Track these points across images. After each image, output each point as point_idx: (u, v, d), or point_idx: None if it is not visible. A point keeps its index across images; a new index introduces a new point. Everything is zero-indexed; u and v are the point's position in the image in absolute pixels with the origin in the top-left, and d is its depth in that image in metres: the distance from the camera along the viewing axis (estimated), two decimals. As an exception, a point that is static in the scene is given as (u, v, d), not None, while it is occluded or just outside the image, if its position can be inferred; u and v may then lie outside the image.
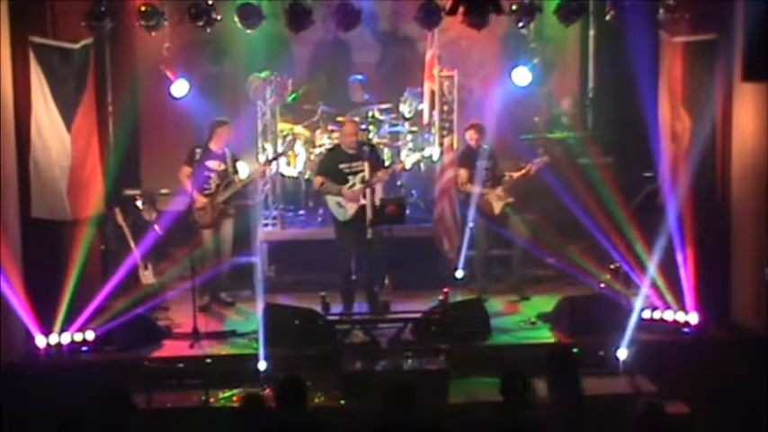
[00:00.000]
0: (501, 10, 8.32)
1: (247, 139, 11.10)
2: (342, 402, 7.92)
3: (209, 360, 8.36)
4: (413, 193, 11.37)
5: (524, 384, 5.68)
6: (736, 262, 9.04)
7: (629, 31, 9.35)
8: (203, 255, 9.52)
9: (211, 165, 9.60)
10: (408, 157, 11.18)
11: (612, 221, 9.57)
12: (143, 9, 9.06)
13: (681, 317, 8.86)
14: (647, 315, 8.98)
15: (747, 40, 8.54)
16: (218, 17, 9.10)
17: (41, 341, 8.53)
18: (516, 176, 9.85)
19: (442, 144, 10.45)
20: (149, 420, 7.54)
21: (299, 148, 11.38)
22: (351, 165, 9.26)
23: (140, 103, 10.77)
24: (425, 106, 10.96)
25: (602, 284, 9.55)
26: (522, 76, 10.69)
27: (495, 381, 7.66)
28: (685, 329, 8.83)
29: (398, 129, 11.54)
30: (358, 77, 11.77)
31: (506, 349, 8.57)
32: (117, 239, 9.65)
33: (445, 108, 10.54)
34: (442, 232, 10.36)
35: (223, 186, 9.59)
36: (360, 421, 6.65)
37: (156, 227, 9.68)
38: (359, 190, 9.18)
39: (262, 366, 8.16)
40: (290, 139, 11.33)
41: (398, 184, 11.15)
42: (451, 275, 10.00)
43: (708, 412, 7.58)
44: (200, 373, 8.16)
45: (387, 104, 11.63)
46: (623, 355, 8.29)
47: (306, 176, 11.29)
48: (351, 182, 9.23)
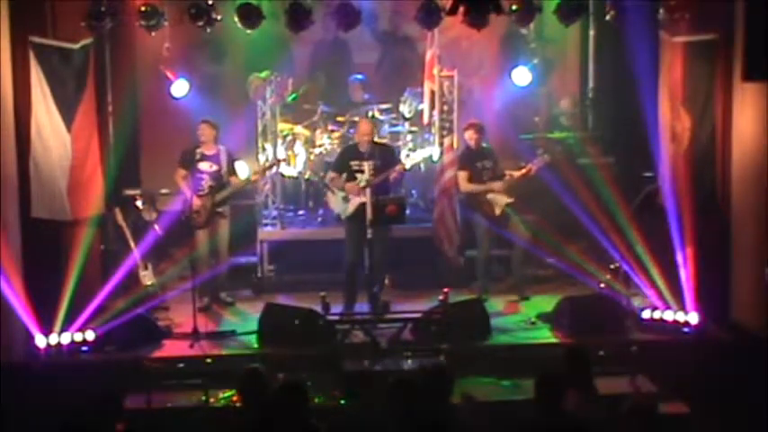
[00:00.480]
0: (501, 10, 8.33)
1: (247, 139, 11.12)
2: (342, 402, 7.92)
3: (209, 360, 8.35)
4: (413, 193, 11.37)
5: (559, 386, 5.69)
6: (736, 262, 9.04)
7: (629, 31, 9.35)
8: (199, 256, 9.51)
9: (202, 166, 9.58)
10: (408, 157, 11.17)
11: (612, 221, 9.57)
12: (143, 9, 9.06)
13: (681, 317, 8.87)
14: (647, 315, 9.00)
15: (747, 40, 8.55)
16: (218, 17, 9.09)
17: (41, 341, 8.53)
18: (517, 176, 9.84)
19: (441, 144, 10.45)
20: (149, 420, 7.55)
21: (299, 148, 11.38)
22: (361, 163, 9.28)
23: (140, 103, 10.78)
24: (425, 106, 10.96)
25: (602, 284, 9.55)
26: (522, 76, 10.71)
27: (494, 381, 7.74)
28: (685, 329, 8.83)
29: (398, 129, 11.54)
30: (358, 77, 11.77)
31: (506, 349, 8.56)
32: (117, 239, 9.65)
33: (445, 108, 10.54)
34: (441, 232, 10.36)
35: (216, 187, 9.57)
36: (360, 421, 6.69)
37: (156, 227, 9.68)
38: (360, 188, 9.18)
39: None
40: (289, 140, 11.32)
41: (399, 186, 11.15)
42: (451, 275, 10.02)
43: (708, 412, 7.58)
44: (200, 373, 8.16)
45: (387, 104, 11.63)
46: None
47: (306, 176, 11.29)
48: (359, 179, 9.25)
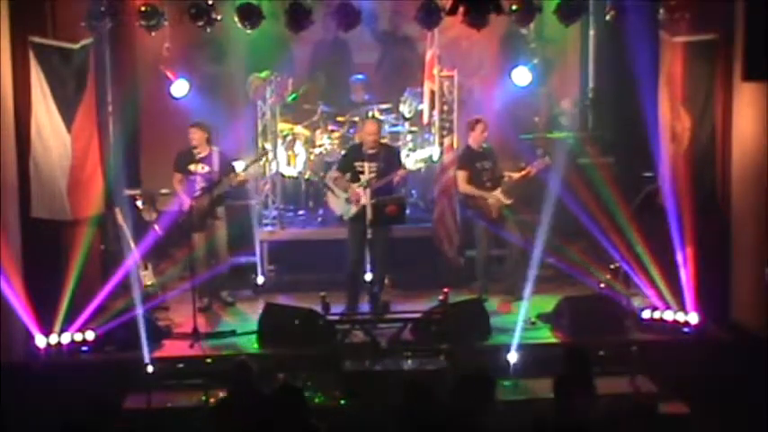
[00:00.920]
0: (501, 10, 8.34)
1: (247, 139, 11.11)
2: (342, 402, 7.92)
3: (209, 360, 8.35)
4: (413, 193, 11.37)
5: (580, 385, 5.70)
6: (736, 262, 9.04)
7: (629, 31, 9.36)
8: (197, 258, 9.51)
9: (193, 168, 9.58)
10: (408, 157, 11.18)
11: (612, 221, 9.57)
12: (143, 9, 9.06)
13: (681, 317, 8.87)
14: (647, 315, 9.00)
15: (747, 40, 8.55)
16: (218, 17, 9.09)
17: (41, 341, 8.53)
18: (516, 177, 9.83)
19: (441, 144, 10.45)
20: (149, 420, 7.56)
21: (299, 147, 11.39)
22: (365, 164, 9.26)
23: (140, 103, 10.78)
24: (425, 106, 10.97)
25: (602, 284, 9.56)
26: (522, 76, 10.70)
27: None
28: (685, 329, 8.83)
29: (398, 129, 11.54)
30: (359, 77, 11.78)
31: (506, 349, 8.55)
32: (117, 239, 9.65)
33: (445, 108, 10.54)
34: (441, 232, 10.36)
35: (209, 189, 9.56)
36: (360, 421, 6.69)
37: (156, 227, 9.68)
38: (362, 189, 9.17)
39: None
40: (289, 140, 11.32)
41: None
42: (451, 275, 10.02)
43: (708, 412, 7.58)
44: (200, 373, 8.16)
45: (387, 104, 11.63)
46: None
47: (306, 176, 11.29)
48: (362, 180, 9.24)
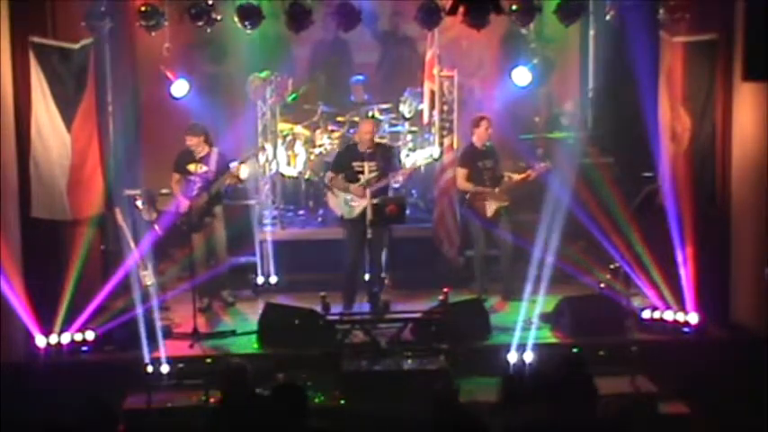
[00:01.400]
0: (501, 10, 8.32)
1: (247, 139, 11.11)
2: (342, 402, 7.92)
3: (209, 360, 8.35)
4: (413, 193, 11.37)
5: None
6: (736, 262, 9.03)
7: (629, 31, 9.36)
8: (197, 258, 9.51)
9: (191, 168, 9.57)
10: (408, 157, 11.18)
11: (612, 221, 9.57)
12: (143, 9, 9.06)
13: (681, 317, 8.86)
14: (647, 315, 9.00)
15: (747, 40, 8.54)
16: (218, 17, 9.10)
17: (41, 341, 8.52)
18: (516, 179, 9.82)
19: (441, 144, 10.45)
20: (149, 420, 7.55)
21: (299, 147, 11.39)
22: (363, 163, 9.27)
23: (140, 103, 10.78)
24: (425, 106, 10.96)
25: (602, 284, 9.55)
26: (522, 76, 10.71)
27: (494, 381, 7.71)
28: (685, 329, 8.83)
29: (398, 129, 11.54)
30: (359, 78, 11.79)
31: (506, 349, 8.55)
32: (117, 239, 9.64)
33: (445, 108, 10.53)
34: (441, 232, 10.36)
35: (205, 188, 9.56)
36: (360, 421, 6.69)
37: (156, 227, 9.67)
38: (363, 188, 9.18)
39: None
40: (289, 140, 11.33)
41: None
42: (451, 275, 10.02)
43: (708, 412, 7.58)
44: (200, 373, 8.16)
45: (387, 104, 11.64)
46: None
47: (306, 176, 11.30)
48: (362, 180, 9.24)
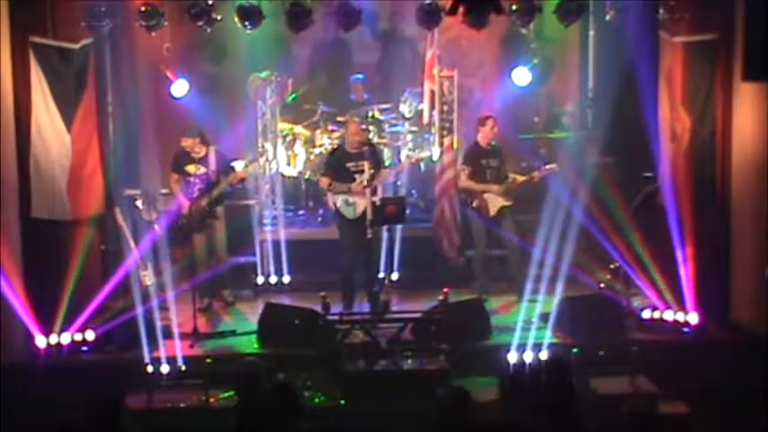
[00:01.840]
0: (501, 10, 8.31)
1: (247, 139, 11.11)
2: (342, 402, 7.92)
3: (209, 360, 8.35)
4: (413, 193, 11.37)
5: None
6: (736, 262, 9.04)
7: (629, 31, 9.35)
8: (197, 258, 9.50)
9: (189, 169, 9.56)
10: (408, 156, 11.18)
11: (612, 221, 9.57)
12: (143, 9, 9.07)
13: (681, 317, 8.86)
14: (647, 315, 9.00)
15: (747, 40, 8.53)
16: (218, 17, 9.10)
17: (41, 341, 8.53)
18: (520, 181, 9.80)
19: (441, 144, 10.45)
20: (149, 420, 7.55)
21: (299, 147, 11.39)
22: (357, 164, 9.29)
23: (140, 103, 10.77)
24: (425, 106, 10.96)
25: (602, 284, 9.55)
26: (522, 76, 10.70)
27: (495, 381, 7.72)
28: (685, 329, 8.83)
29: (398, 129, 11.54)
30: (359, 77, 11.79)
31: (506, 349, 8.55)
32: (117, 239, 9.65)
33: (445, 108, 10.52)
34: (441, 232, 10.37)
35: (206, 190, 9.55)
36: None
37: (156, 227, 9.67)
38: (364, 188, 9.20)
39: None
40: (289, 140, 11.34)
41: (398, 184, 11.15)
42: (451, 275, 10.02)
43: (708, 412, 7.58)
44: (200, 373, 8.16)
45: (387, 104, 11.64)
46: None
47: (306, 176, 11.30)
48: (358, 180, 9.26)
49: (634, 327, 8.93)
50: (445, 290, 9.28)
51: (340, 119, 11.45)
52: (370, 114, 11.44)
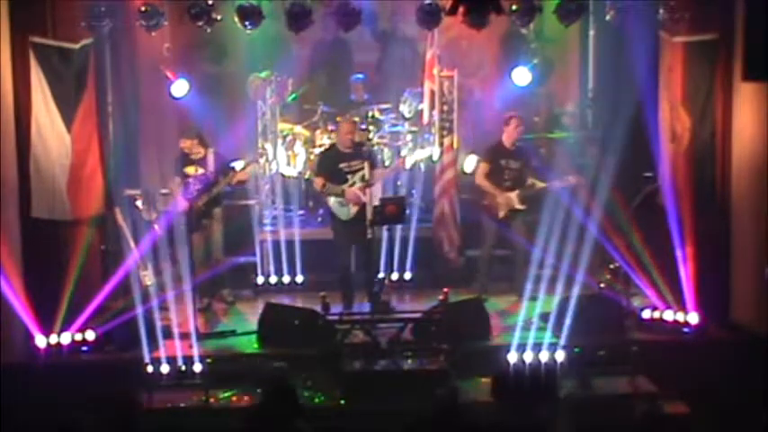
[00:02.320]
0: (501, 10, 8.32)
1: (247, 139, 11.12)
2: (342, 402, 7.92)
3: (209, 360, 8.35)
4: (413, 193, 11.37)
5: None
6: (736, 262, 9.03)
7: (629, 31, 9.35)
8: (196, 258, 9.49)
9: (188, 170, 9.56)
10: (408, 156, 11.18)
11: (612, 221, 9.56)
12: (143, 9, 9.07)
13: (681, 317, 8.86)
14: (647, 315, 8.99)
15: (747, 40, 8.54)
16: (218, 17, 9.10)
17: (41, 341, 8.52)
18: (539, 187, 9.69)
19: (441, 144, 10.45)
20: (149, 420, 7.55)
21: (299, 147, 11.40)
22: (350, 164, 9.29)
23: (140, 103, 10.77)
24: (425, 106, 10.97)
25: (602, 284, 9.54)
26: (522, 76, 10.70)
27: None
28: (685, 329, 8.83)
29: (398, 129, 11.54)
30: (359, 77, 11.80)
31: (506, 349, 8.55)
32: (117, 239, 9.65)
33: (445, 108, 10.53)
34: (441, 232, 10.36)
35: (203, 190, 9.54)
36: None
37: (156, 227, 9.68)
38: (360, 189, 9.20)
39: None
40: (289, 140, 11.34)
41: (398, 184, 11.15)
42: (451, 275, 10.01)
43: (708, 412, 7.57)
44: (200, 373, 8.17)
45: (387, 104, 11.64)
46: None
47: (306, 176, 11.30)
48: (351, 180, 9.26)
49: (634, 327, 8.93)
50: (445, 290, 9.29)
51: (340, 119, 11.45)
52: (370, 114, 11.44)
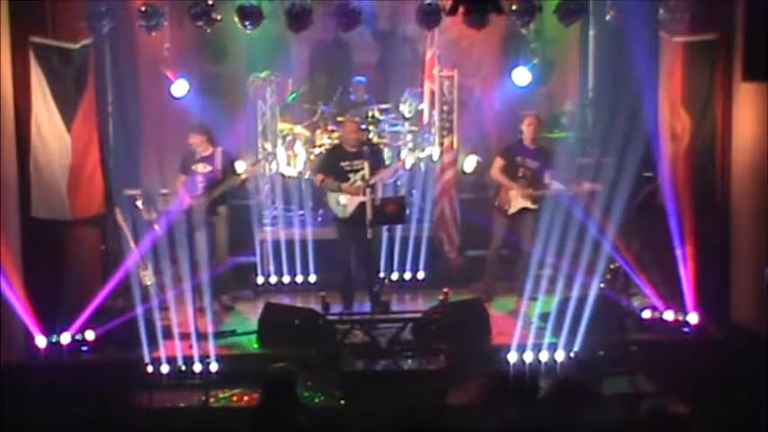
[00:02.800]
0: (501, 10, 8.31)
1: (247, 139, 11.12)
2: (342, 402, 7.92)
3: (209, 360, 8.35)
4: (413, 193, 11.37)
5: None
6: (736, 262, 9.03)
7: (629, 31, 9.35)
8: (198, 257, 9.50)
9: (196, 168, 9.55)
10: (408, 156, 11.18)
11: (612, 221, 9.55)
12: (143, 9, 9.08)
13: (681, 317, 8.87)
14: (647, 315, 8.99)
15: (747, 40, 8.54)
16: (218, 17, 9.11)
17: (41, 341, 8.53)
18: (554, 190, 9.64)
19: (442, 144, 10.45)
20: (149, 420, 7.55)
21: (299, 147, 11.40)
22: (352, 163, 9.30)
23: (140, 103, 10.77)
24: (425, 106, 10.98)
25: (602, 284, 9.54)
26: (522, 76, 10.69)
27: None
28: (685, 329, 8.83)
29: (398, 129, 11.55)
30: (361, 79, 11.80)
31: (506, 349, 8.55)
32: (117, 239, 9.65)
33: (445, 108, 10.53)
34: (441, 232, 10.36)
35: (210, 188, 9.55)
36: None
37: (156, 227, 9.68)
38: (360, 186, 9.21)
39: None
40: (289, 140, 11.35)
41: (398, 183, 11.16)
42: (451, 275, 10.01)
43: (708, 412, 7.57)
44: (200, 373, 8.17)
45: (387, 104, 11.65)
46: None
47: (306, 176, 11.30)
48: (352, 179, 9.27)
49: (634, 327, 8.93)
50: (445, 290, 9.28)
51: (340, 119, 11.45)
52: (370, 114, 11.45)
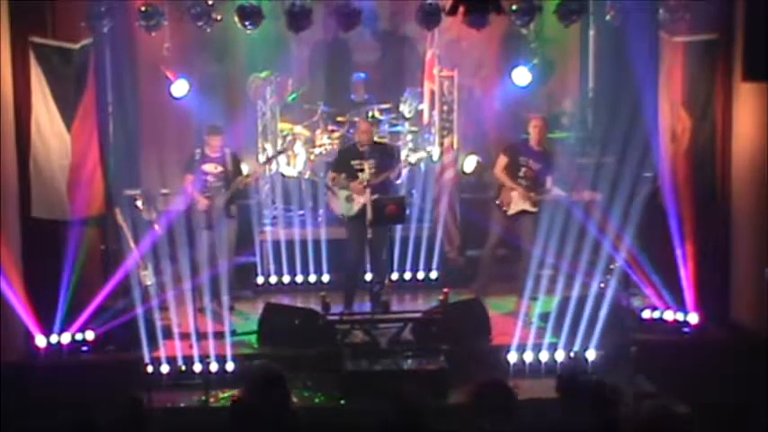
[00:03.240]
0: (501, 10, 8.31)
1: (247, 139, 11.11)
2: (342, 402, 7.92)
3: (209, 360, 8.36)
4: (413, 193, 11.37)
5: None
6: (736, 262, 9.04)
7: (629, 31, 9.35)
8: (201, 256, 9.49)
9: (207, 168, 9.53)
10: (408, 157, 11.18)
11: (613, 221, 9.55)
12: (143, 9, 9.07)
13: (681, 317, 8.87)
14: (647, 315, 8.99)
15: (747, 40, 8.54)
16: (218, 17, 9.10)
17: (41, 341, 8.53)
18: (555, 195, 9.64)
19: (442, 144, 10.45)
20: (149, 420, 7.54)
21: (299, 148, 11.39)
22: (362, 162, 9.29)
23: (140, 103, 10.78)
24: (425, 106, 10.98)
25: (602, 284, 9.54)
26: (522, 76, 10.70)
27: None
28: (685, 329, 8.83)
29: (398, 129, 11.54)
30: (361, 75, 11.79)
31: (506, 349, 8.55)
32: (117, 239, 9.64)
33: (445, 108, 10.54)
34: (441, 232, 10.36)
35: (222, 188, 9.56)
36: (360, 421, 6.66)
37: (156, 227, 9.67)
38: (361, 187, 9.20)
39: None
40: (289, 138, 11.34)
41: (398, 184, 11.15)
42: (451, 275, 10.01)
43: (708, 412, 7.57)
44: (200, 373, 8.16)
45: (387, 104, 11.65)
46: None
47: (306, 176, 11.30)
48: (360, 178, 9.26)
49: (634, 327, 8.93)
50: (445, 290, 9.28)
51: (340, 119, 11.46)
52: (370, 114, 11.44)
